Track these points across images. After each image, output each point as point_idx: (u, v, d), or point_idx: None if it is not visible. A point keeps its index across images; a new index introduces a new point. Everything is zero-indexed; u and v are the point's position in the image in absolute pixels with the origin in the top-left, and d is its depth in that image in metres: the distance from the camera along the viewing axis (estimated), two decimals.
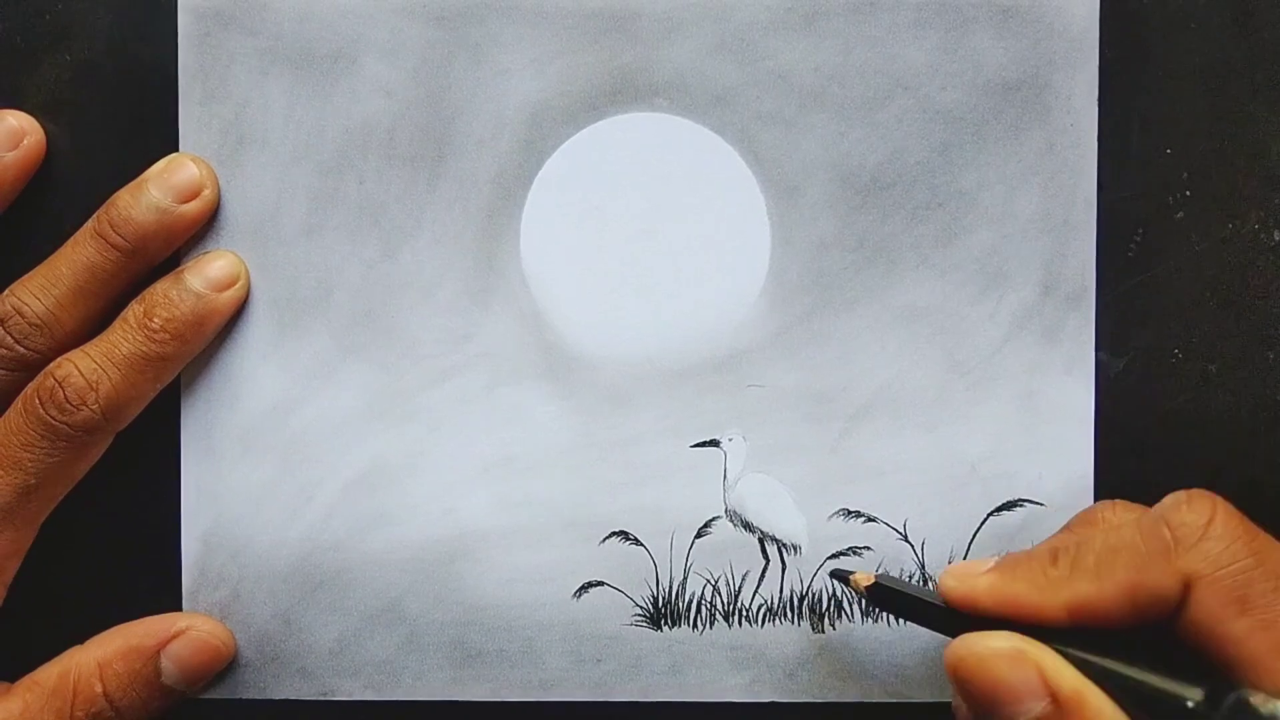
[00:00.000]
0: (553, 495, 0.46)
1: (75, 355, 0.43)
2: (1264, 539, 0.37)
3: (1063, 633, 0.37)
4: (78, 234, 0.44)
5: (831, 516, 0.46)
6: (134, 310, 0.44)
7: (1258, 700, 0.35)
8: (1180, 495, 0.37)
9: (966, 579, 0.39)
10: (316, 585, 0.46)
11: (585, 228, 0.46)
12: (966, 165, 0.45)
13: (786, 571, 0.46)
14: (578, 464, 0.46)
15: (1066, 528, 0.43)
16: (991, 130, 0.45)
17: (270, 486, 0.46)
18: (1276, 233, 0.46)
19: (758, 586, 0.46)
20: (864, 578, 0.43)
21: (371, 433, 0.46)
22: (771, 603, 0.46)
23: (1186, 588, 0.36)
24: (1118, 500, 0.42)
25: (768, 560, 0.46)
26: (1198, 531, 0.36)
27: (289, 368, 0.46)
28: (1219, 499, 0.37)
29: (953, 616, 0.39)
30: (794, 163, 0.46)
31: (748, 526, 0.46)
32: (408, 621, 0.46)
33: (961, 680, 0.37)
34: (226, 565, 0.46)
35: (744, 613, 0.46)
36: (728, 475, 0.46)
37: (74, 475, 0.44)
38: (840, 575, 0.44)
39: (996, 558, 0.40)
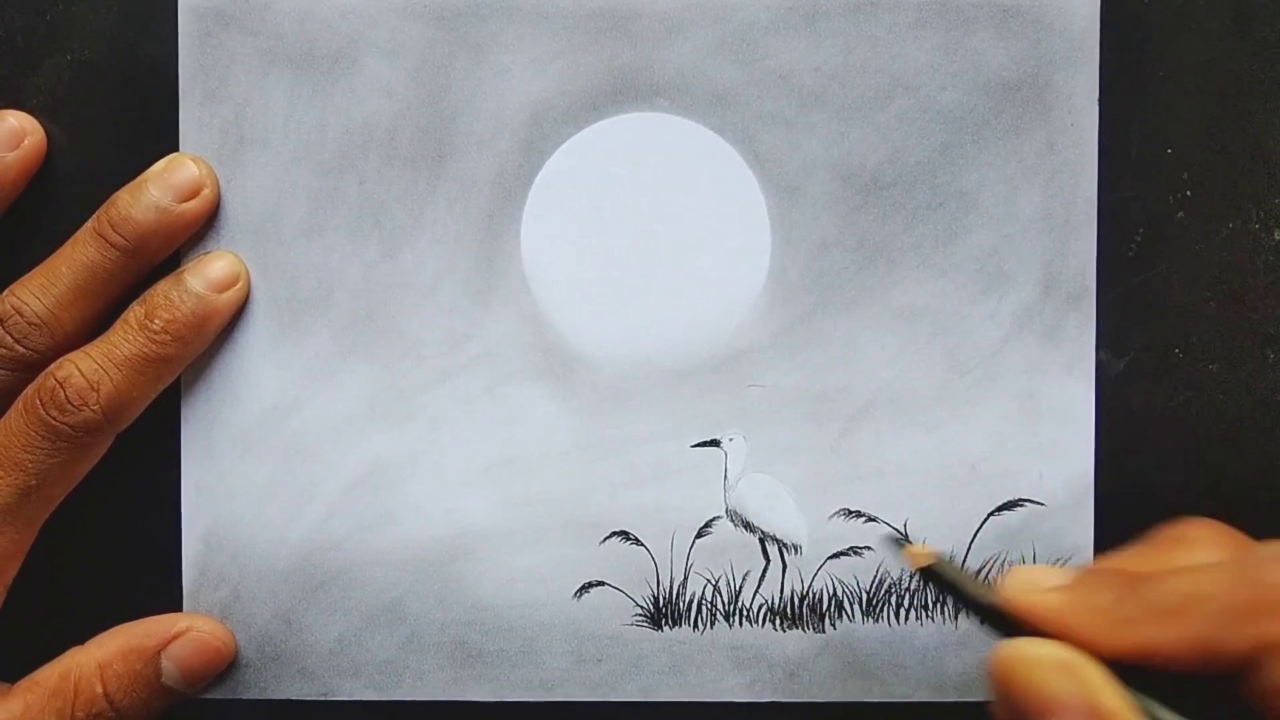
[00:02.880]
0: (553, 495, 0.46)
1: (76, 356, 0.43)
2: None
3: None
4: (77, 234, 0.44)
5: (832, 516, 0.46)
6: (135, 312, 0.44)
7: None
8: (1273, 550, 0.35)
9: (1033, 590, 0.37)
10: (317, 585, 0.46)
11: (585, 228, 0.46)
12: (967, 165, 0.45)
13: (787, 571, 0.46)
14: (578, 464, 0.46)
15: (1151, 543, 0.40)
16: (992, 130, 0.45)
17: (270, 486, 0.46)
18: (1277, 232, 0.46)
19: (758, 586, 0.46)
20: (922, 556, 0.39)
21: (372, 433, 0.46)
22: (772, 603, 0.46)
23: (1259, 651, 0.34)
24: (1211, 521, 0.40)
25: (768, 560, 0.46)
26: None
27: (289, 368, 0.46)
28: None
29: (1007, 620, 0.37)
30: (794, 163, 0.46)
31: (748, 526, 0.46)
32: (408, 621, 0.46)
33: (1005, 684, 0.35)
34: (227, 565, 0.46)
35: (744, 613, 0.46)
36: (728, 475, 0.46)
37: (74, 476, 0.44)
38: (895, 542, 0.42)
39: (1065, 569, 0.37)
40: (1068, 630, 0.35)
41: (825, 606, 0.46)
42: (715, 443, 0.46)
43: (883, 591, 0.46)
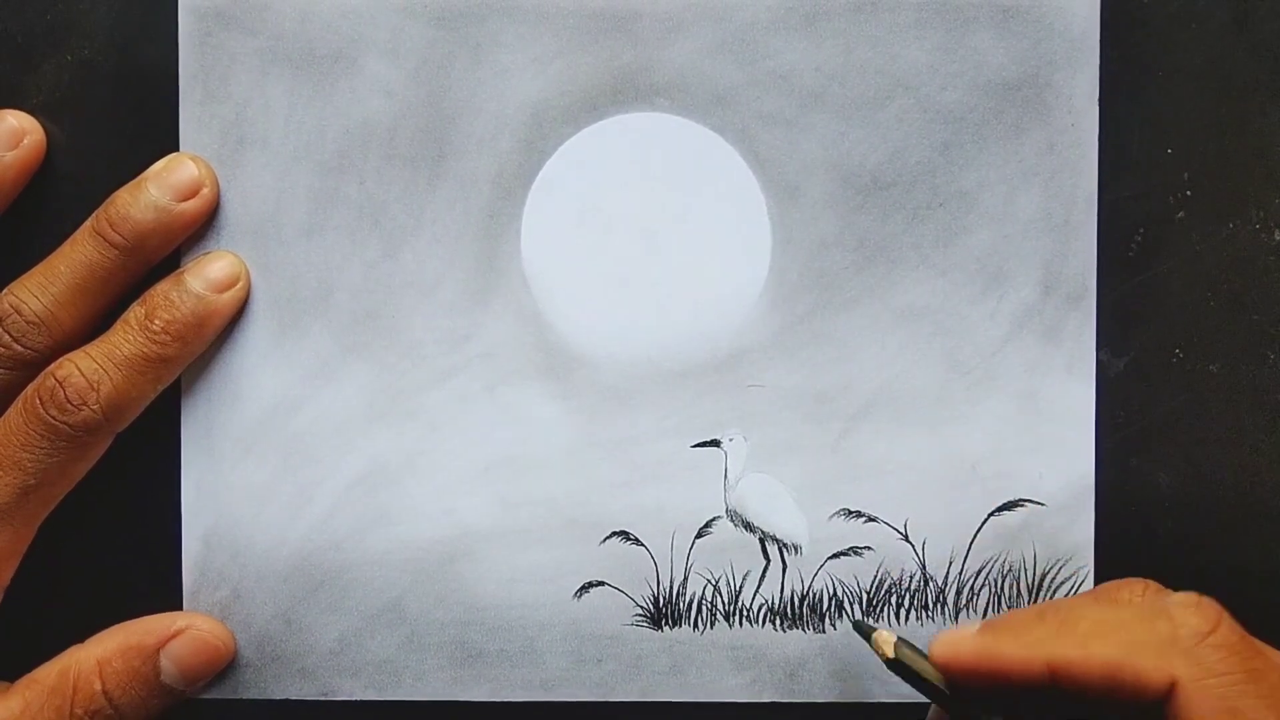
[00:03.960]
0: (553, 495, 0.46)
1: (76, 355, 0.43)
2: (1263, 659, 0.36)
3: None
4: (77, 233, 0.44)
5: (832, 516, 0.46)
6: (135, 312, 0.44)
7: None
8: (1191, 597, 0.37)
9: (953, 644, 0.38)
10: (317, 585, 0.46)
11: (585, 228, 0.46)
12: (967, 165, 0.45)
13: (787, 571, 0.46)
14: (578, 464, 0.46)
15: (1091, 594, 0.42)
16: (992, 130, 0.45)
17: (270, 486, 0.46)
18: (1277, 232, 0.46)
19: (758, 586, 0.46)
20: (886, 644, 0.41)
21: (372, 433, 0.46)
22: (772, 603, 0.46)
23: (1173, 687, 0.35)
24: (1150, 583, 0.41)
25: (768, 560, 0.46)
26: (1198, 636, 0.36)
27: (289, 368, 0.46)
28: (1226, 613, 0.37)
29: (952, 699, 0.40)
30: (794, 163, 0.46)
31: (748, 526, 0.46)
32: (408, 621, 0.46)
33: None
34: (227, 565, 0.46)
35: (744, 613, 0.46)
36: (728, 475, 0.46)
37: (74, 475, 0.44)
38: (863, 629, 0.43)
39: (981, 621, 0.41)
40: (990, 661, 0.37)
41: (825, 606, 0.46)
42: (715, 443, 0.46)
43: (883, 591, 0.46)
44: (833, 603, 0.46)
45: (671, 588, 0.46)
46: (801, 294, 0.46)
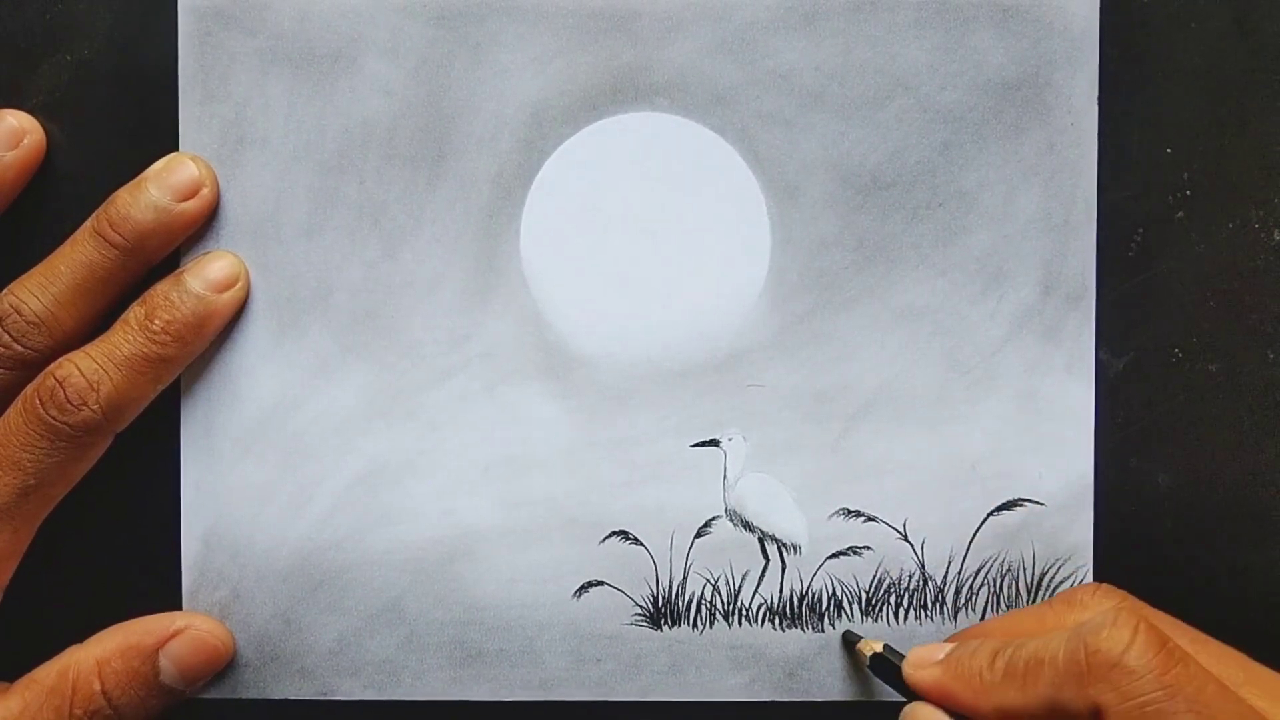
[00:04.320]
0: (553, 495, 0.46)
1: (76, 355, 0.43)
2: (1183, 668, 0.37)
3: None
4: (77, 233, 0.44)
5: (831, 516, 0.46)
6: (135, 312, 0.44)
7: None
8: (1107, 615, 0.38)
9: (920, 667, 0.41)
10: (316, 585, 0.46)
11: (585, 228, 0.46)
12: (967, 165, 0.45)
13: (786, 571, 0.46)
14: (578, 464, 0.46)
15: (1048, 603, 0.43)
16: (992, 130, 0.45)
17: (270, 486, 0.46)
18: (1277, 232, 0.46)
19: (758, 586, 0.46)
20: (868, 647, 0.44)
21: (371, 433, 0.46)
22: (771, 602, 0.46)
23: (1098, 713, 0.37)
24: (1102, 585, 0.43)
25: (768, 560, 0.46)
26: (1111, 660, 0.37)
27: (289, 368, 0.46)
28: (1145, 621, 0.37)
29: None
30: (794, 162, 0.46)
31: (748, 526, 0.46)
32: (408, 621, 0.46)
33: None
34: (226, 565, 0.46)
35: (744, 612, 0.46)
36: (728, 475, 0.46)
37: (73, 475, 0.44)
38: (849, 639, 0.45)
39: (950, 645, 0.42)
40: (946, 699, 0.40)
41: (825, 606, 0.46)
42: (715, 442, 0.46)
43: (882, 591, 0.46)
44: (832, 602, 0.46)
45: (671, 587, 0.46)
46: (801, 294, 0.46)
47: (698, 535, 0.46)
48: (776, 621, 0.46)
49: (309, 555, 0.46)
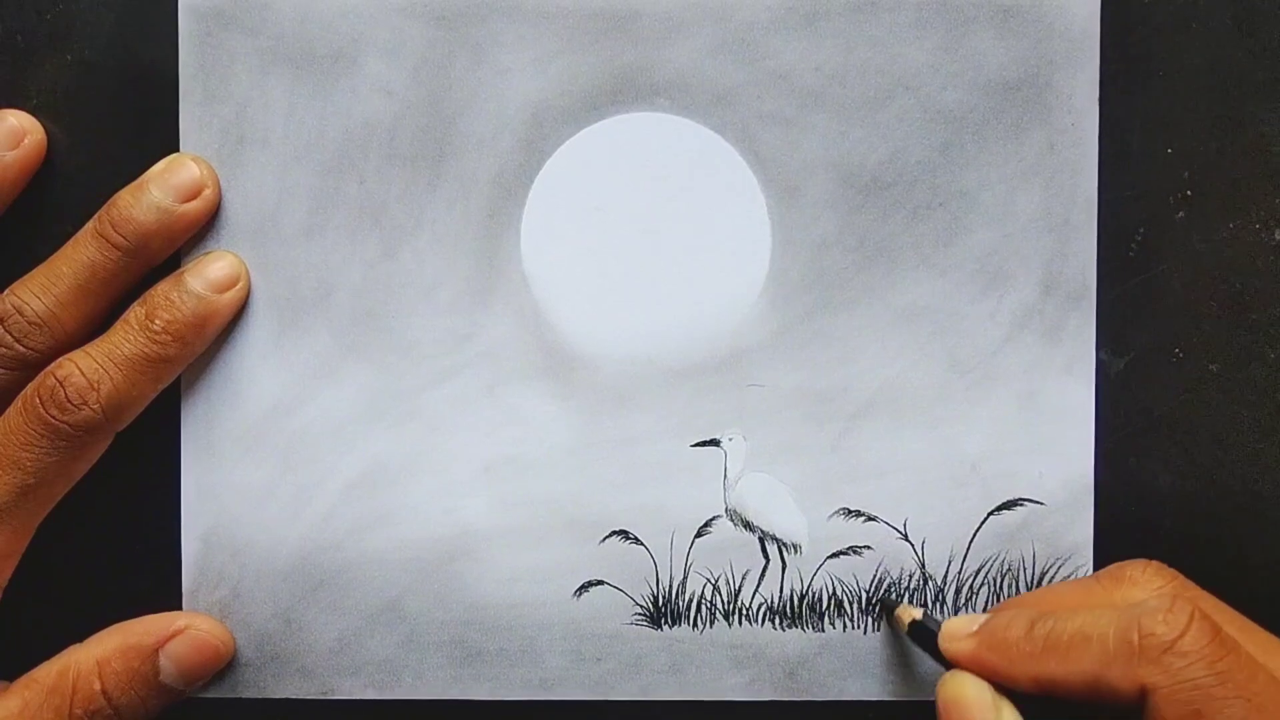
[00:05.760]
0: (553, 495, 0.46)
1: (76, 355, 0.43)
2: (1234, 657, 0.37)
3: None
4: (79, 234, 0.44)
5: (832, 516, 0.46)
6: (135, 312, 0.44)
7: None
8: (1163, 602, 0.38)
9: (955, 639, 0.41)
10: (317, 584, 0.46)
11: (585, 228, 0.46)
12: (967, 165, 0.45)
13: (787, 571, 0.46)
14: (578, 464, 0.46)
15: (1095, 577, 0.43)
16: (992, 130, 0.45)
17: (270, 486, 0.46)
18: (1277, 232, 0.46)
19: (758, 586, 0.46)
20: (907, 614, 0.44)
21: (371, 433, 0.46)
22: (772, 602, 0.46)
23: (1144, 694, 0.37)
24: (1152, 563, 0.43)
25: (768, 560, 0.46)
26: (1164, 645, 0.37)
27: (289, 368, 0.46)
28: (1200, 610, 0.38)
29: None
30: (794, 162, 0.46)
31: (748, 526, 0.46)
32: (408, 621, 0.46)
33: (945, 706, 0.41)
34: (226, 565, 0.46)
35: (744, 612, 0.46)
36: (728, 475, 0.46)
37: (73, 475, 0.44)
38: (888, 605, 0.45)
39: (985, 615, 0.42)
40: (982, 670, 0.40)
41: (825, 606, 0.46)
42: (715, 442, 0.46)
43: (882, 590, 0.46)
44: (832, 602, 0.46)
45: (671, 587, 0.46)
46: (801, 294, 0.46)
47: (698, 535, 0.46)
48: (777, 621, 0.46)
49: (309, 555, 0.46)
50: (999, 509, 0.46)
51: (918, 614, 0.44)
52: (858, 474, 0.46)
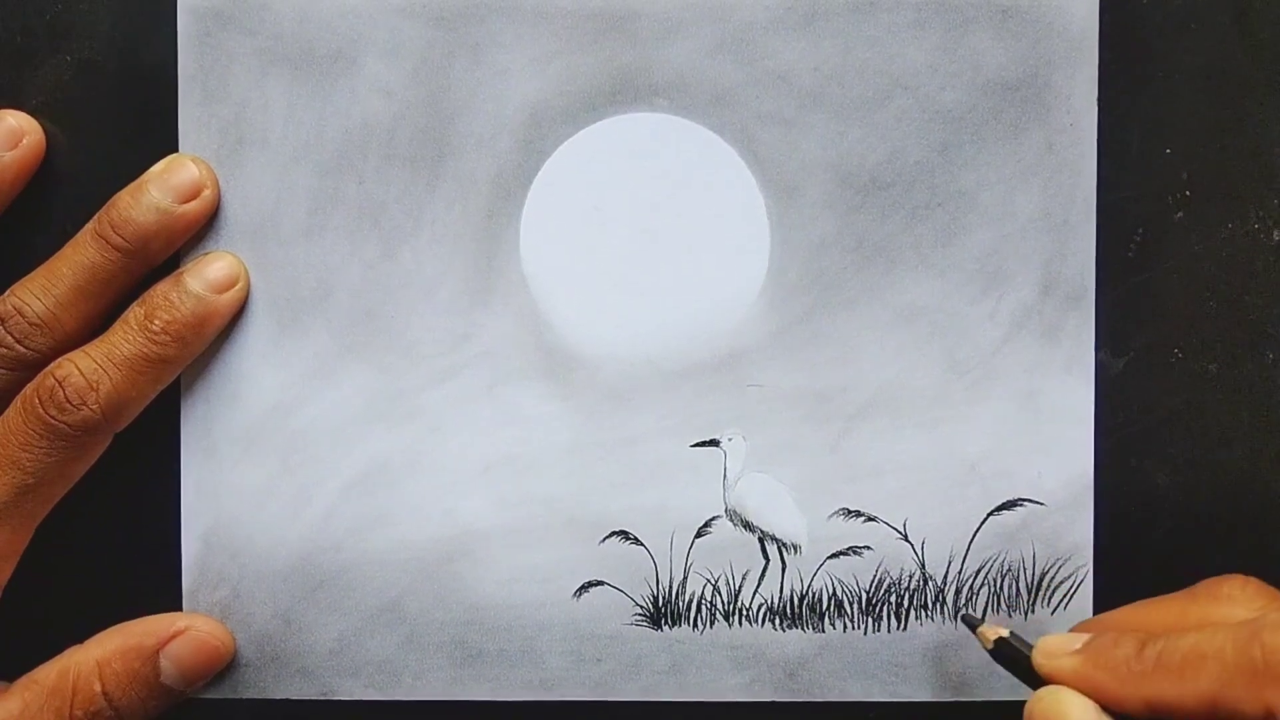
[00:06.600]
0: (553, 495, 0.46)
1: (76, 355, 0.43)
2: None
3: None
4: (78, 235, 0.44)
5: (831, 516, 0.46)
6: (135, 312, 0.44)
7: None
8: None
9: (1054, 657, 0.39)
10: (317, 585, 0.46)
11: (585, 228, 0.46)
12: (966, 165, 0.45)
13: (786, 571, 0.46)
14: (578, 464, 0.46)
15: (1188, 594, 0.42)
16: (991, 130, 0.45)
17: (270, 486, 0.46)
18: (1276, 232, 0.46)
19: (758, 586, 0.46)
20: (992, 632, 0.43)
21: (371, 433, 0.46)
22: (772, 602, 0.46)
23: (1270, 714, 0.35)
24: (1251, 579, 0.41)
25: (768, 560, 0.46)
26: None
27: (289, 368, 0.46)
28: None
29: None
30: (794, 163, 0.46)
31: (748, 526, 0.46)
32: (408, 621, 0.46)
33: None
34: (226, 565, 0.46)
35: (744, 612, 0.46)
36: (728, 475, 0.46)
37: (72, 475, 0.44)
38: (970, 622, 0.44)
39: (1084, 635, 0.40)
40: (1088, 689, 0.38)
41: (825, 606, 0.46)
42: (715, 442, 0.46)
43: (882, 591, 0.46)
44: (832, 602, 0.46)
45: (671, 587, 0.46)
46: (800, 294, 0.46)
47: (698, 535, 0.46)
48: (777, 621, 0.46)
49: (309, 555, 0.46)
50: (999, 509, 0.46)
51: (1004, 632, 0.42)
52: (857, 474, 0.46)
